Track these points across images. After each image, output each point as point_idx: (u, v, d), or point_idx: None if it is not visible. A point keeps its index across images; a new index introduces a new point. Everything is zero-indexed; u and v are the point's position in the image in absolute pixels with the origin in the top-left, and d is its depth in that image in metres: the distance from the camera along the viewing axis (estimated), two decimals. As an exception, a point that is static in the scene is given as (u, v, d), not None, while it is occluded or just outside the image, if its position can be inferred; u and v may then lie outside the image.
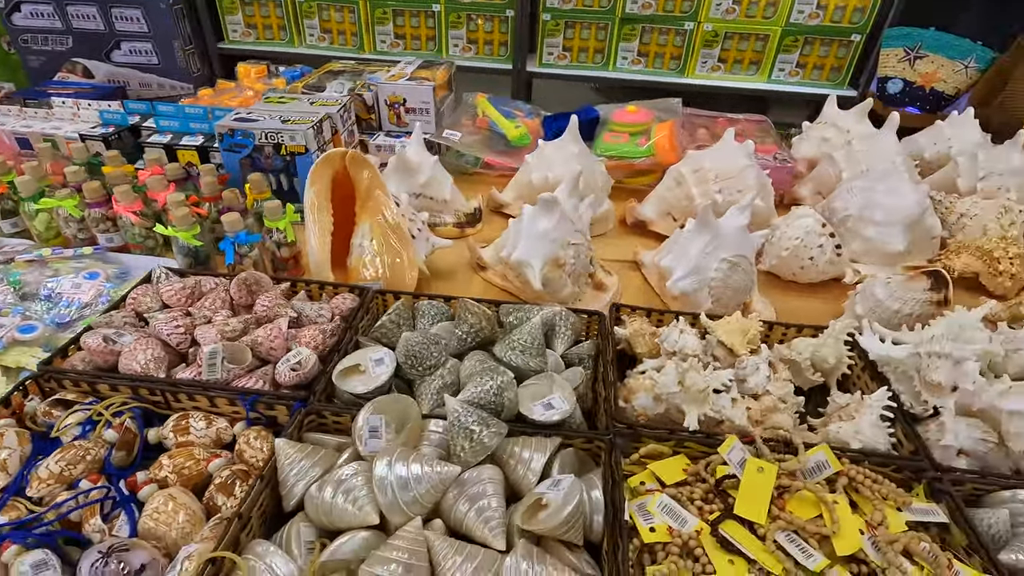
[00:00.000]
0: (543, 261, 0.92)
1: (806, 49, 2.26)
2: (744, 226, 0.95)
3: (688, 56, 2.31)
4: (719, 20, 2.25)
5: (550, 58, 2.39)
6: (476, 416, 0.63)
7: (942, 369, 0.70)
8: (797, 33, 2.24)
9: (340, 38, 2.36)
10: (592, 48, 2.35)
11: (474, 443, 0.61)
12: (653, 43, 2.30)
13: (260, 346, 0.76)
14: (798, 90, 2.32)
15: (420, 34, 2.38)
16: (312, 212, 0.94)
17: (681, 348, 0.76)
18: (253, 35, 2.37)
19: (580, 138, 1.18)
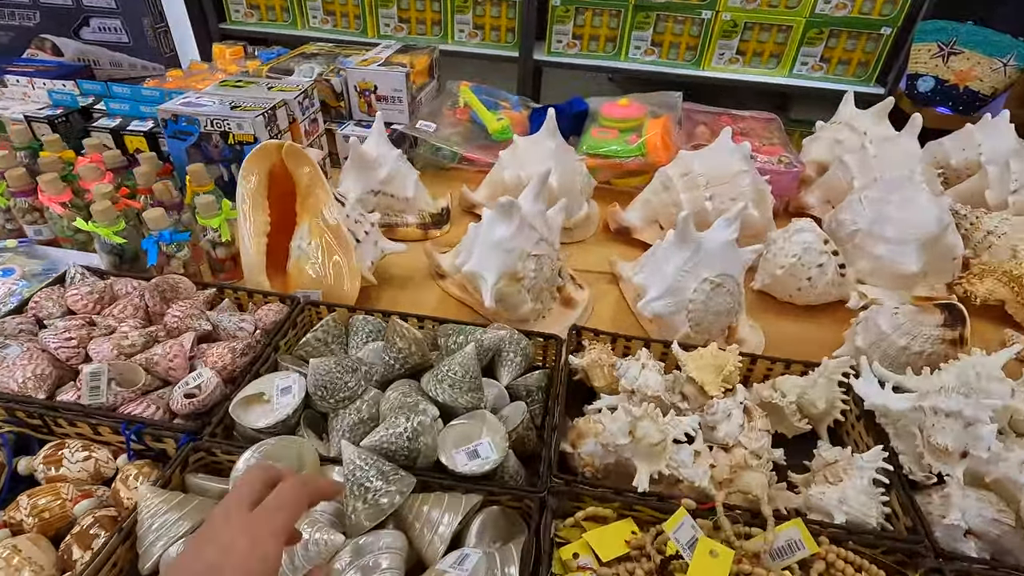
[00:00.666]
0: (498, 274, 0.81)
1: (831, 42, 2.10)
2: (731, 241, 0.83)
3: (705, 47, 2.16)
4: (739, 9, 2.10)
5: (559, 46, 2.27)
6: (376, 469, 0.52)
7: (950, 431, 0.58)
8: (822, 25, 2.08)
9: (343, 20, 2.27)
10: (603, 36, 2.22)
11: (368, 504, 0.51)
12: (668, 32, 2.16)
13: (157, 366, 0.67)
14: (821, 86, 2.16)
15: (425, 18, 2.28)
16: (245, 210, 0.85)
17: (640, 387, 0.65)
18: (256, 16, 2.30)
19: (558, 133, 1.06)
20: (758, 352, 0.88)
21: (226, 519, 0.38)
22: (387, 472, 0.53)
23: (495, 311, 0.85)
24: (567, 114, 1.34)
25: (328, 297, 0.85)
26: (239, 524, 0.37)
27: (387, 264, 1.00)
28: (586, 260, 1.08)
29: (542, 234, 0.86)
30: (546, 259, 0.87)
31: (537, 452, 0.67)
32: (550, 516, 0.55)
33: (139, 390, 0.66)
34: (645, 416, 0.58)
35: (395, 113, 1.28)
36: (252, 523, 0.37)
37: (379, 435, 0.57)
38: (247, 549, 0.35)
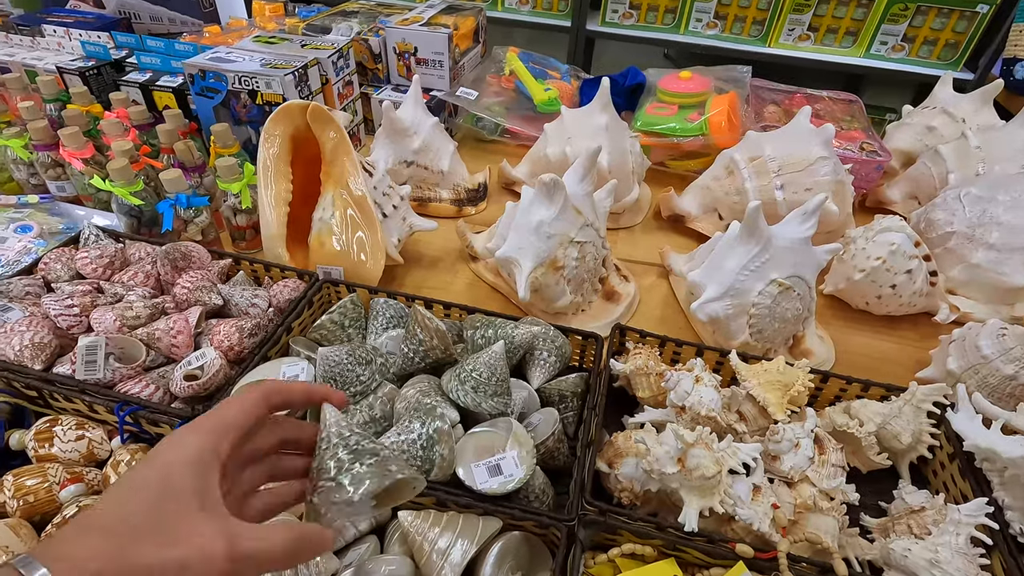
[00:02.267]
0: (535, 261, 0.72)
1: (917, 19, 1.89)
2: (807, 239, 0.72)
3: (773, 21, 1.99)
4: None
5: (614, 16, 2.13)
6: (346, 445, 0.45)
7: (1080, 489, 0.47)
8: (909, 0, 1.87)
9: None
10: (663, 7, 2.06)
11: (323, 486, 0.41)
12: (734, 4, 1.98)
13: (159, 342, 0.62)
14: (901, 68, 1.96)
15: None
16: (265, 176, 0.78)
17: (693, 404, 0.56)
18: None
19: (611, 106, 0.96)
20: (826, 367, 0.78)
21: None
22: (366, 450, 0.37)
23: (529, 302, 0.77)
24: (621, 87, 1.23)
25: (349, 274, 0.79)
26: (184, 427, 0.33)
27: (416, 241, 0.93)
28: (633, 249, 0.98)
29: (587, 219, 0.77)
30: (590, 247, 0.77)
31: (568, 468, 0.59)
32: (579, 550, 0.47)
33: (139, 367, 0.60)
34: (699, 442, 0.49)
35: (435, 78, 1.19)
36: (195, 420, 0.33)
37: (390, 440, 0.50)
38: (183, 436, 0.32)
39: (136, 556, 0.27)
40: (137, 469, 0.30)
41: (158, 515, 0.28)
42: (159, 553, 0.27)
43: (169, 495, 0.29)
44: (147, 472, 0.30)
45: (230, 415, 0.33)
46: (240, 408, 0.34)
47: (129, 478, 0.30)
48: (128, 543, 0.27)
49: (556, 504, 0.56)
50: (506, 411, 0.58)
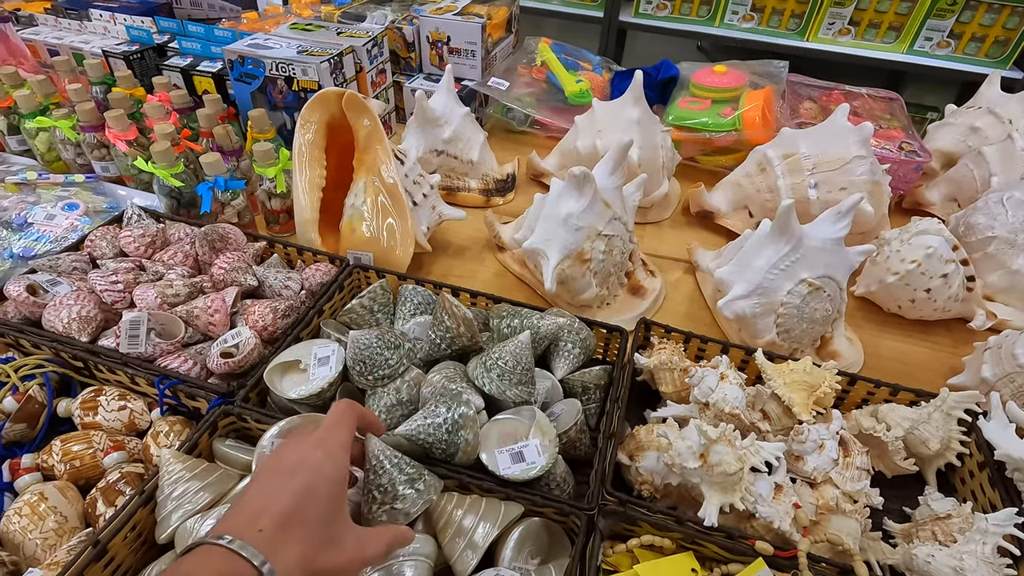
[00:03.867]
0: (562, 253, 0.73)
1: (965, 15, 1.82)
2: (840, 239, 0.71)
3: (813, 14, 1.94)
4: None
5: (648, 7, 2.10)
6: (399, 470, 0.47)
7: (1118, 505, 0.46)
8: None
9: None
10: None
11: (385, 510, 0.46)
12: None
13: (197, 319, 0.64)
14: (945, 66, 1.89)
15: None
16: (300, 162, 0.80)
17: (717, 401, 0.56)
18: None
19: (643, 100, 0.95)
20: (854, 370, 0.76)
21: (295, 443, 0.40)
22: (412, 476, 0.47)
23: (555, 294, 0.78)
24: (654, 80, 1.21)
25: (379, 260, 0.80)
26: (308, 442, 0.40)
27: (444, 230, 0.94)
28: (660, 244, 0.98)
29: (616, 212, 0.77)
30: (617, 240, 0.77)
31: (589, 458, 0.60)
32: (598, 539, 0.48)
33: (179, 342, 0.63)
34: (721, 439, 0.49)
35: (467, 68, 1.19)
36: (319, 439, 0.40)
37: (416, 424, 0.51)
38: (322, 457, 0.38)
39: (320, 562, 0.35)
40: (298, 476, 0.37)
41: (332, 528, 0.36)
42: (333, 559, 0.36)
43: (335, 511, 0.37)
44: (311, 481, 0.37)
45: (345, 437, 0.41)
46: (350, 431, 0.42)
47: (293, 485, 0.36)
48: (316, 551, 0.35)
49: (576, 493, 0.57)
50: (530, 400, 0.58)
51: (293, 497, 0.35)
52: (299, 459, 0.38)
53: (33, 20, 1.26)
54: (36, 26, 1.25)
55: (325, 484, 0.37)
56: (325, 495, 0.36)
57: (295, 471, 0.37)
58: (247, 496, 0.36)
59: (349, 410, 0.43)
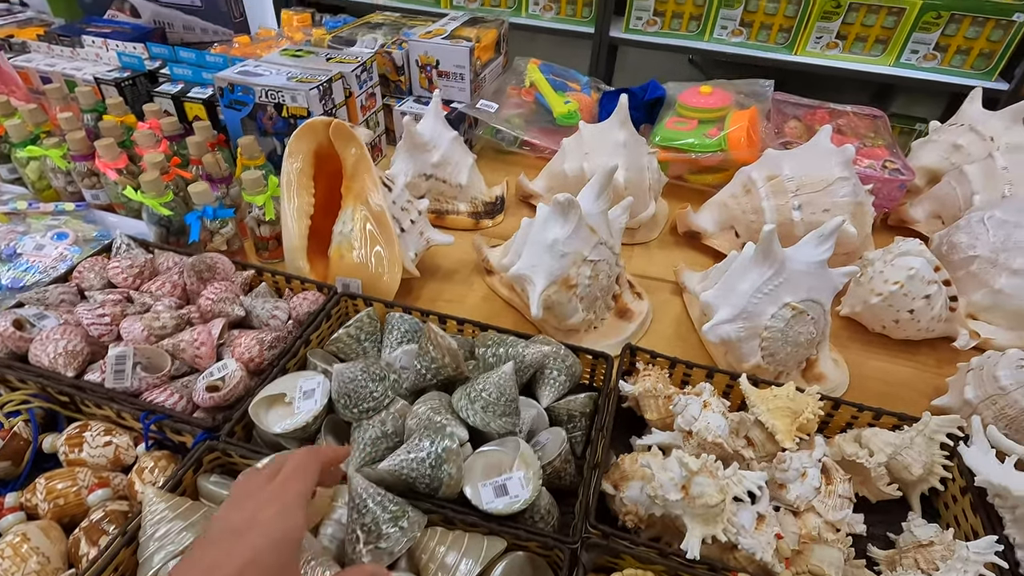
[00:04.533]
0: (548, 280, 0.73)
1: (950, 28, 1.84)
2: (823, 262, 0.71)
3: (801, 29, 1.96)
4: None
5: (638, 23, 2.12)
6: (382, 508, 0.47)
7: (1094, 534, 0.47)
8: (942, 8, 1.82)
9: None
10: (687, 14, 2.05)
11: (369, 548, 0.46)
12: (760, 11, 1.96)
13: (183, 352, 0.64)
14: (932, 78, 1.91)
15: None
16: (288, 191, 0.81)
17: (700, 430, 0.56)
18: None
19: (629, 122, 0.96)
20: (839, 392, 0.77)
21: (248, 496, 0.39)
22: (395, 513, 0.47)
23: (542, 319, 0.78)
24: (641, 100, 1.23)
25: (367, 287, 0.81)
26: (263, 496, 0.39)
27: (433, 254, 0.95)
28: (648, 265, 0.98)
29: (602, 237, 0.78)
30: (603, 265, 0.78)
31: (574, 487, 0.60)
32: (582, 573, 0.48)
33: (165, 376, 0.63)
34: (703, 470, 0.50)
35: (456, 90, 1.21)
36: (275, 492, 0.39)
37: (399, 459, 0.52)
38: (274, 515, 0.37)
39: None
40: (245, 539, 0.36)
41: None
42: None
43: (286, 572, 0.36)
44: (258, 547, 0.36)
45: (304, 488, 0.40)
46: (309, 481, 0.41)
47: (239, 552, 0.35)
48: None
49: (561, 524, 0.57)
50: (515, 430, 0.59)
51: (235, 568, 0.34)
52: (249, 517, 0.37)
53: (26, 47, 1.27)
54: (29, 53, 1.26)
55: (273, 550, 0.36)
56: (271, 563, 0.35)
57: (242, 533, 0.36)
58: (191, 560, 0.36)
59: (311, 460, 0.42)
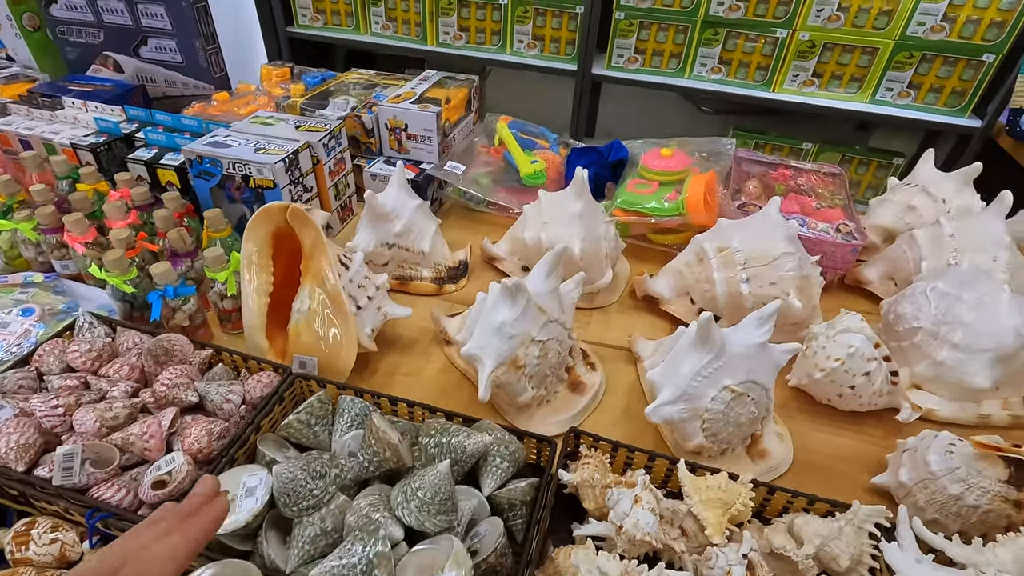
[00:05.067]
0: (496, 361, 0.75)
1: (923, 67, 1.90)
2: (763, 344, 0.74)
3: (777, 67, 2.01)
4: (818, 28, 1.93)
5: (620, 61, 2.17)
6: None
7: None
8: (914, 48, 1.88)
9: (404, 27, 2.31)
10: (668, 52, 2.11)
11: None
12: (738, 50, 2.02)
13: (132, 446, 0.66)
14: (907, 115, 1.96)
15: (485, 27, 2.26)
16: (248, 271, 0.83)
17: (628, 529, 0.58)
18: (321, 20, 2.39)
19: (586, 193, 0.99)
20: (783, 467, 0.79)
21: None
22: None
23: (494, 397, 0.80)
24: (605, 161, 1.26)
25: (323, 364, 0.83)
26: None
27: (393, 324, 0.97)
28: (606, 330, 1.00)
29: (551, 315, 0.80)
30: (553, 343, 0.80)
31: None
32: None
33: (114, 469, 0.65)
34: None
35: (425, 152, 1.24)
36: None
37: (330, 564, 0.53)
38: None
39: None
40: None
41: None
42: None
43: None
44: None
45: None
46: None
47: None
48: None
49: (496, 620, 0.58)
50: (452, 526, 0.60)
51: None
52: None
53: (6, 110, 1.30)
54: (9, 115, 1.29)
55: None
56: None
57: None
58: None
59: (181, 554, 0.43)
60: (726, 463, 0.78)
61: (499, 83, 2.80)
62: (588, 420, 0.85)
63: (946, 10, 1.79)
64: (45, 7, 1.54)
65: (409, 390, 0.87)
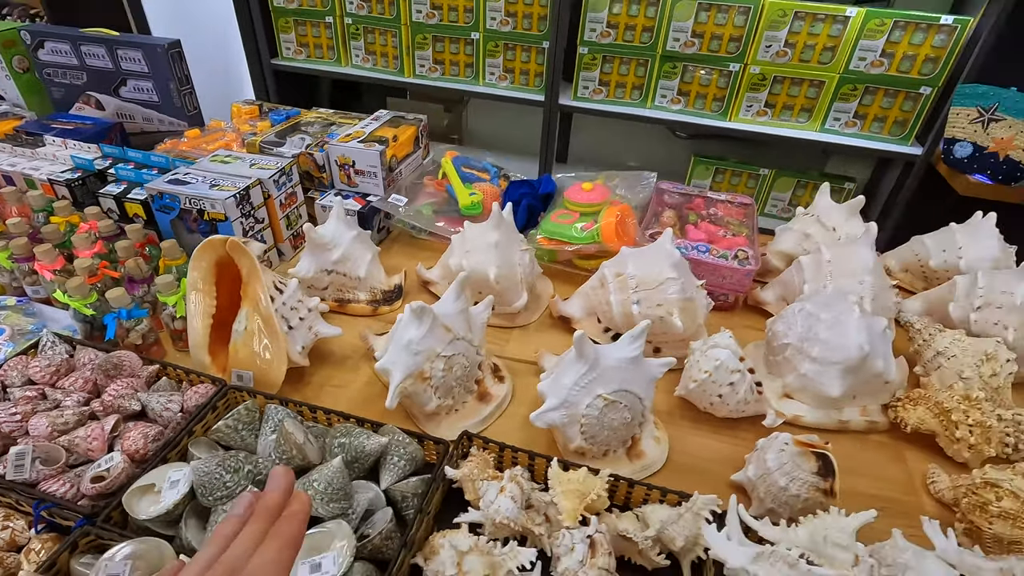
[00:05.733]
0: (404, 373, 0.86)
1: (866, 99, 2.05)
2: (635, 358, 0.85)
3: (732, 98, 2.16)
4: (768, 63, 2.09)
5: (585, 92, 2.32)
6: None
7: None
8: (856, 81, 2.03)
9: (383, 60, 2.47)
10: (630, 84, 2.26)
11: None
12: (695, 83, 2.17)
13: (78, 447, 0.77)
14: (855, 143, 2.11)
15: (459, 60, 2.42)
16: (193, 295, 0.94)
17: (491, 513, 0.69)
18: (304, 53, 2.55)
19: (503, 224, 1.11)
20: (655, 467, 0.90)
21: None
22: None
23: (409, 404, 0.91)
24: (536, 193, 1.39)
25: (258, 378, 0.94)
26: None
27: (329, 342, 1.08)
28: (523, 347, 1.12)
29: (457, 333, 0.91)
30: (459, 358, 0.91)
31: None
32: (372, 638, 0.60)
33: (60, 467, 0.75)
34: (472, 550, 0.62)
35: (371, 185, 1.36)
36: None
37: (232, 542, 0.64)
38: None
39: None
40: None
41: None
42: None
43: None
44: None
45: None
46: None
47: None
48: None
49: (380, 593, 0.69)
50: (346, 513, 0.71)
51: None
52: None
53: (-8, 148, 1.43)
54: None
55: None
56: None
57: None
58: None
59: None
60: (607, 463, 0.88)
61: (481, 113, 2.97)
62: (494, 426, 0.96)
63: (884, 46, 1.95)
64: (34, 51, 1.68)
65: (336, 401, 0.98)
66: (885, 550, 0.66)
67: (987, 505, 0.75)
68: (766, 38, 1.98)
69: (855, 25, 1.88)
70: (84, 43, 1.63)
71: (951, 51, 1.86)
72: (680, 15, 2.00)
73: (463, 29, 2.26)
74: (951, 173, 2.00)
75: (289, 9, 2.42)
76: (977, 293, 1.07)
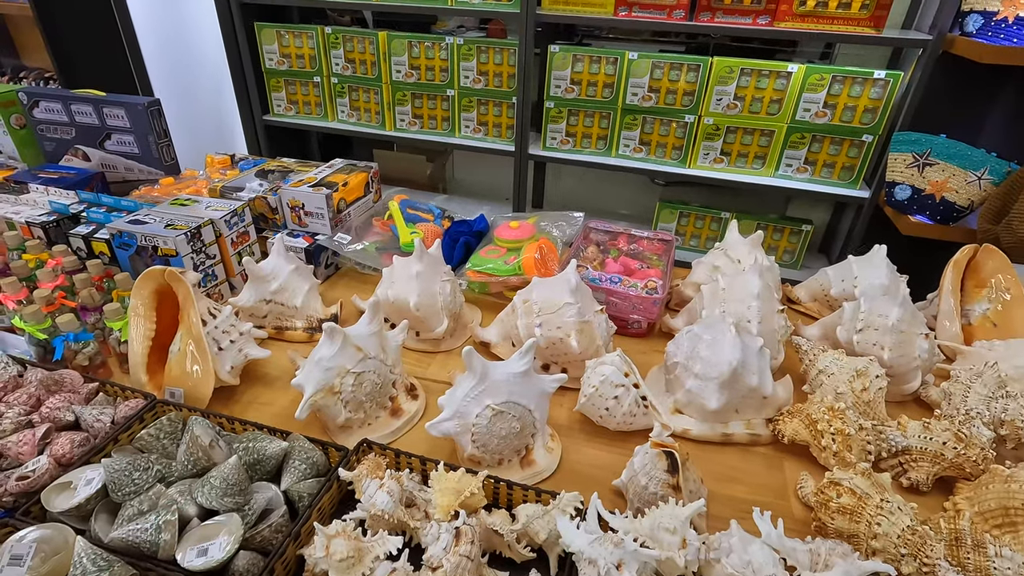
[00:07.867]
0: (315, 388, 0.96)
1: (814, 146, 2.20)
2: (524, 372, 0.94)
3: (689, 147, 2.31)
4: (720, 114, 2.26)
5: (553, 142, 2.48)
6: (92, 563, 0.67)
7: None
8: (804, 130, 2.19)
9: (366, 115, 2.66)
10: (595, 135, 2.43)
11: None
12: (655, 133, 2.33)
13: (9, 451, 0.85)
14: (807, 187, 2.24)
15: (436, 115, 2.61)
16: (134, 319, 1.05)
17: (368, 507, 0.77)
18: (294, 110, 2.76)
19: (426, 257, 1.22)
20: (547, 473, 0.98)
21: None
22: (102, 567, 0.66)
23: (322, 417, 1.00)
24: (471, 231, 1.51)
25: (189, 394, 1.03)
26: None
27: (263, 364, 1.17)
28: (442, 369, 1.21)
29: (369, 353, 1.01)
30: (369, 375, 1.01)
31: (288, 553, 0.79)
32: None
33: (-8, 469, 0.84)
34: (339, 535, 0.70)
35: (320, 225, 1.49)
36: None
37: (128, 527, 0.72)
38: None
39: None
40: None
41: None
42: None
43: None
44: None
45: None
46: None
47: None
48: None
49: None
50: (239, 508, 0.79)
51: None
52: None
53: (-20, 195, 1.57)
54: (-18, 200, 1.56)
55: None
56: None
57: None
58: None
59: None
60: (502, 471, 0.96)
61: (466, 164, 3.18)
62: (404, 438, 1.04)
63: (825, 99, 2.11)
64: (29, 110, 1.85)
65: (261, 415, 1.07)
66: (718, 536, 0.73)
67: (829, 502, 0.82)
68: (716, 92, 2.15)
69: (797, 79, 2.05)
70: (74, 102, 1.81)
71: (887, 102, 2.02)
72: (637, 72, 2.18)
73: (439, 87, 2.46)
74: (895, 214, 2.13)
75: (280, 70, 2.64)
76: (859, 317, 1.16)
